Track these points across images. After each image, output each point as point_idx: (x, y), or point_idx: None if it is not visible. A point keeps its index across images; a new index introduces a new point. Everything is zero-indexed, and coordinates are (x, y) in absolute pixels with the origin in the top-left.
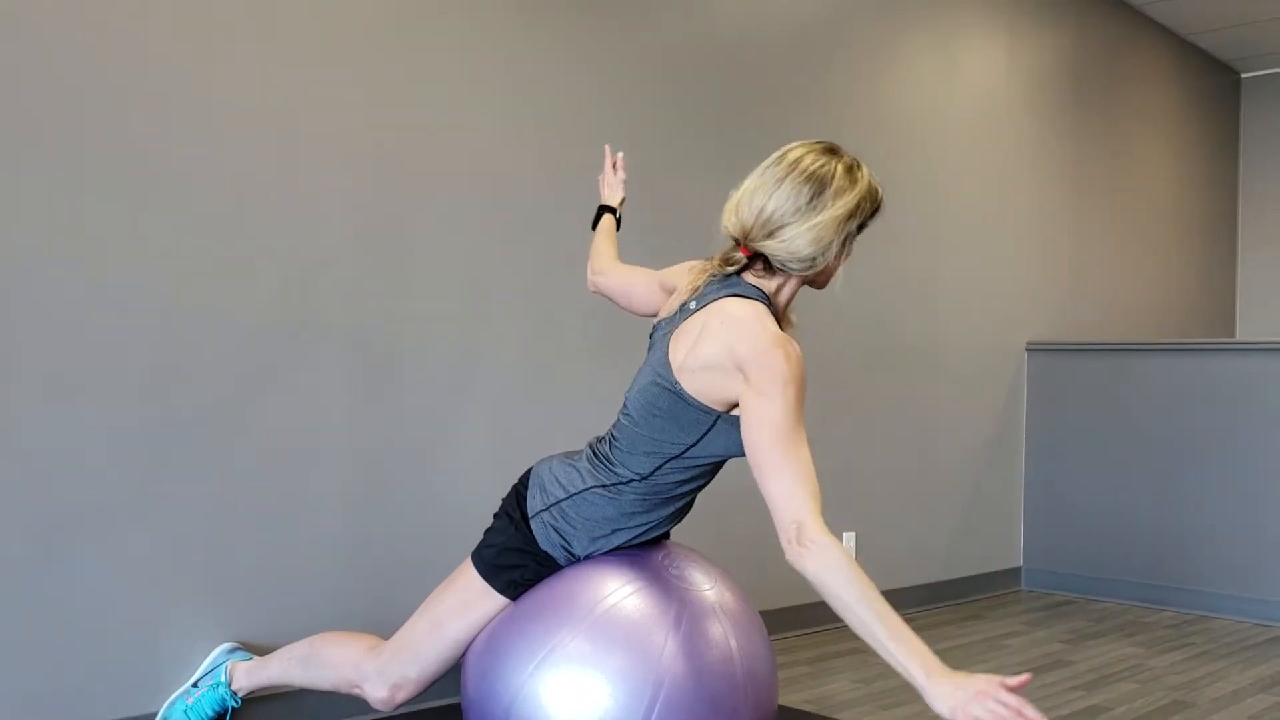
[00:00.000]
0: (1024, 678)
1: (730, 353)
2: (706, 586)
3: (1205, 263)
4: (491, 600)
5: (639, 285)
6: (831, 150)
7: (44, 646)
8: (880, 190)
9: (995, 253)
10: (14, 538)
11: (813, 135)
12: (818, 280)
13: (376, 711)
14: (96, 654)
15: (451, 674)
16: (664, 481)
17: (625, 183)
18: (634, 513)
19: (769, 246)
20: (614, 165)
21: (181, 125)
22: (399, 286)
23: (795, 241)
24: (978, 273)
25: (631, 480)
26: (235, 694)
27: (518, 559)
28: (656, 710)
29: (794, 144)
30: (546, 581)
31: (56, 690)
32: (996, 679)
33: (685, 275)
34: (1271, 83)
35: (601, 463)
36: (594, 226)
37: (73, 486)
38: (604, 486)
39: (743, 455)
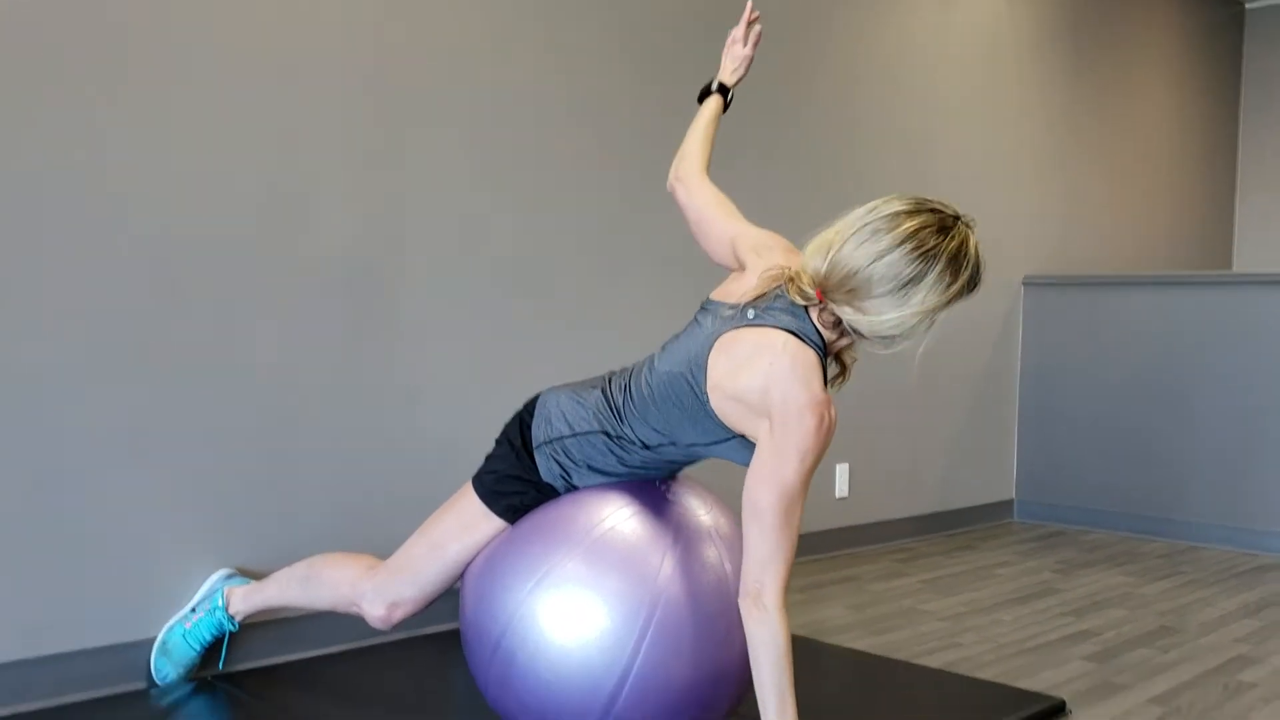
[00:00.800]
0: None
1: (765, 397)
2: (703, 511)
3: (1203, 195)
4: (490, 523)
5: (714, 229)
6: (945, 227)
7: (40, 579)
8: (981, 272)
9: (992, 187)
10: (6, 470)
11: (812, 75)
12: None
13: (373, 635)
14: (93, 583)
15: (450, 599)
16: (667, 456)
17: (752, 61)
18: (636, 466)
19: (847, 313)
20: (748, 27)
21: (172, 57)
22: (389, 217)
23: (877, 321)
24: (975, 208)
25: (635, 443)
26: (233, 617)
27: (518, 486)
28: (651, 630)
29: (907, 203)
30: (545, 505)
31: (54, 620)
32: None
33: (761, 261)
34: (1276, 13)
35: (612, 412)
36: (699, 101)
37: (65, 418)
38: (609, 436)
39: (747, 465)
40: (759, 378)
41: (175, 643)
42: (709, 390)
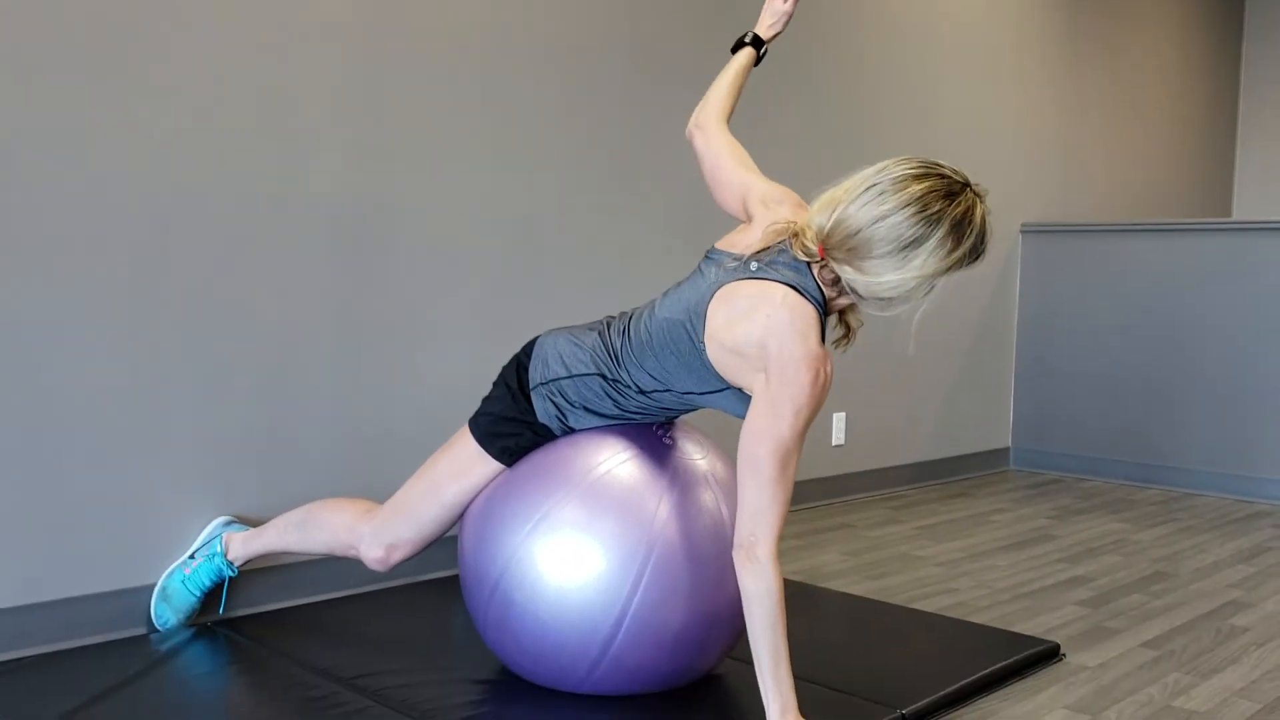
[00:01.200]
0: None
1: (762, 349)
2: (699, 456)
3: (1204, 143)
4: (486, 465)
5: (727, 178)
6: (952, 193)
7: (39, 529)
8: (985, 242)
9: (991, 135)
10: (3, 421)
11: (816, 21)
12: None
13: (372, 581)
14: (91, 532)
15: (448, 546)
16: (662, 403)
17: (790, 18)
18: (632, 411)
19: (846, 272)
20: None
21: (162, 12)
22: (382, 164)
23: (875, 282)
24: (974, 155)
25: (631, 387)
26: (232, 563)
27: (514, 428)
28: (648, 573)
29: (916, 166)
30: (542, 448)
31: (54, 567)
32: None
33: (769, 214)
34: None
35: (609, 355)
36: (732, 52)
37: (60, 368)
38: (605, 379)
39: (742, 418)
40: (756, 330)
41: (175, 589)
42: (706, 340)
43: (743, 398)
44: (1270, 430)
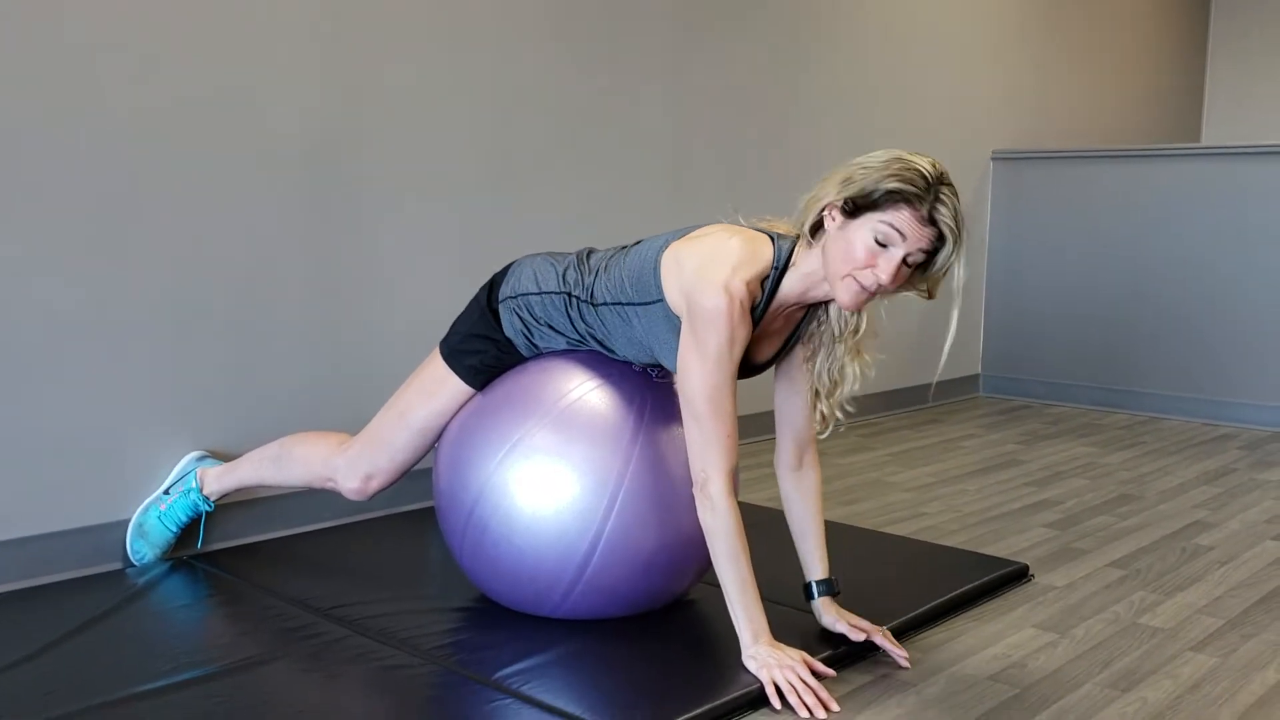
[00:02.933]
0: (830, 672)
1: (686, 274)
2: (671, 381)
3: (1173, 68)
4: (452, 386)
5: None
6: (920, 154)
7: (5, 464)
8: (927, 189)
9: (961, 61)
10: None
11: None
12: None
13: (349, 513)
14: (61, 468)
15: (424, 477)
16: (606, 323)
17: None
18: (586, 334)
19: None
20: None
21: None
22: (353, 98)
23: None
24: (944, 82)
25: (588, 303)
26: (208, 498)
27: (480, 345)
28: (621, 497)
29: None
30: (514, 374)
31: (23, 505)
32: (809, 658)
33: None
34: None
35: (580, 269)
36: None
37: (24, 307)
38: (569, 296)
39: (654, 367)
40: (694, 256)
41: (151, 524)
42: (667, 250)
43: (670, 324)
44: (1237, 354)
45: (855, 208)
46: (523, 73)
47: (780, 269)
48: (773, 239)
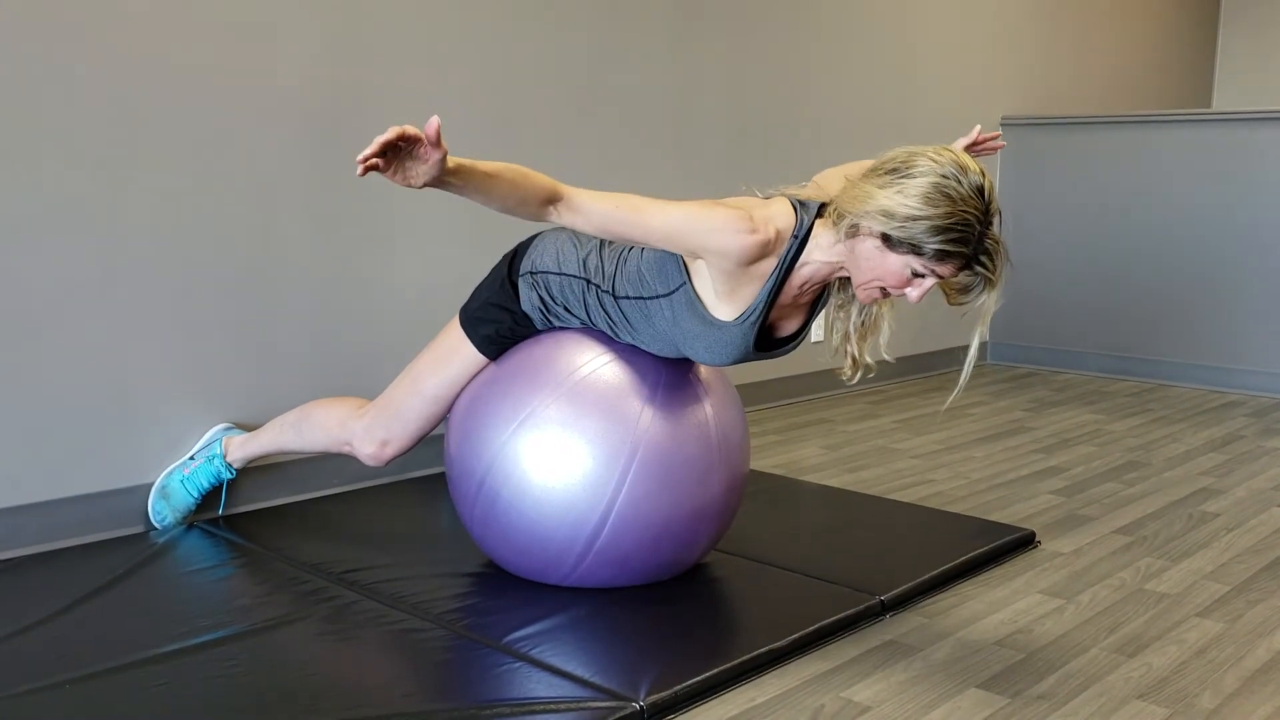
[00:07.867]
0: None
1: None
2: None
3: (1184, 34)
4: (466, 355)
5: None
6: (964, 169)
7: (16, 430)
8: (950, 227)
9: (972, 27)
10: None
11: None
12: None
13: (364, 478)
14: (73, 434)
15: (436, 443)
16: (622, 311)
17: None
18: (607, 326)
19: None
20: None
21: None
22: (359, 56)
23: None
24: (954, 46)
25: (609, 292)
26: (230, 465)
27: (496, 314)
28: (633, 469)
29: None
30: (528, 346)
31: (39, 469)
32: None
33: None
34: None
35: (601, 260)
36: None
37: (33, 272)
38: (589, 283)
39: (675, 360)
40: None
41: (174, 488)
42: None
43: (695, 309)
44: (1245, 321)
45: (897, 242)
46: (528, 34)
47: (800, 238)
48: (795, 208)
